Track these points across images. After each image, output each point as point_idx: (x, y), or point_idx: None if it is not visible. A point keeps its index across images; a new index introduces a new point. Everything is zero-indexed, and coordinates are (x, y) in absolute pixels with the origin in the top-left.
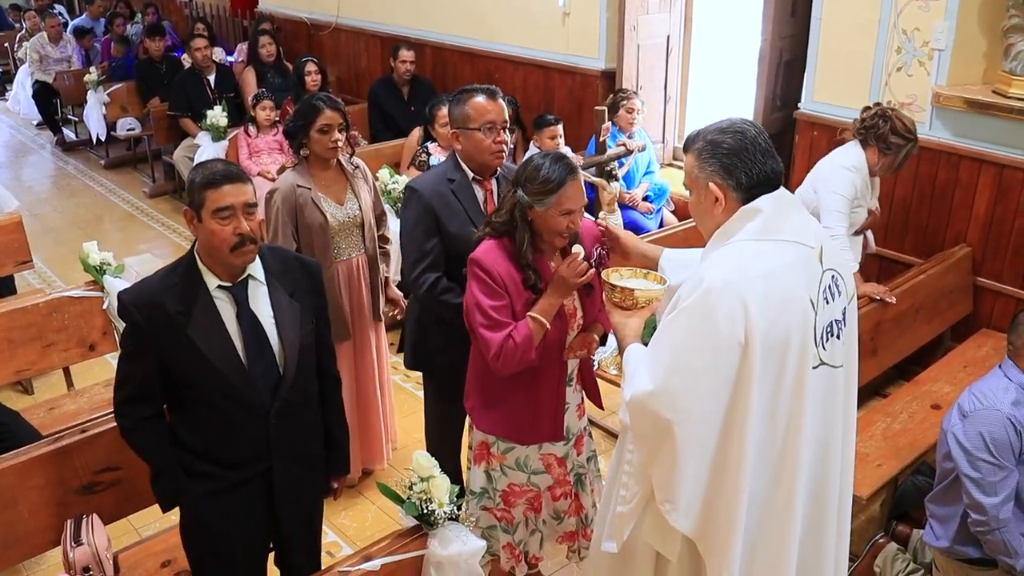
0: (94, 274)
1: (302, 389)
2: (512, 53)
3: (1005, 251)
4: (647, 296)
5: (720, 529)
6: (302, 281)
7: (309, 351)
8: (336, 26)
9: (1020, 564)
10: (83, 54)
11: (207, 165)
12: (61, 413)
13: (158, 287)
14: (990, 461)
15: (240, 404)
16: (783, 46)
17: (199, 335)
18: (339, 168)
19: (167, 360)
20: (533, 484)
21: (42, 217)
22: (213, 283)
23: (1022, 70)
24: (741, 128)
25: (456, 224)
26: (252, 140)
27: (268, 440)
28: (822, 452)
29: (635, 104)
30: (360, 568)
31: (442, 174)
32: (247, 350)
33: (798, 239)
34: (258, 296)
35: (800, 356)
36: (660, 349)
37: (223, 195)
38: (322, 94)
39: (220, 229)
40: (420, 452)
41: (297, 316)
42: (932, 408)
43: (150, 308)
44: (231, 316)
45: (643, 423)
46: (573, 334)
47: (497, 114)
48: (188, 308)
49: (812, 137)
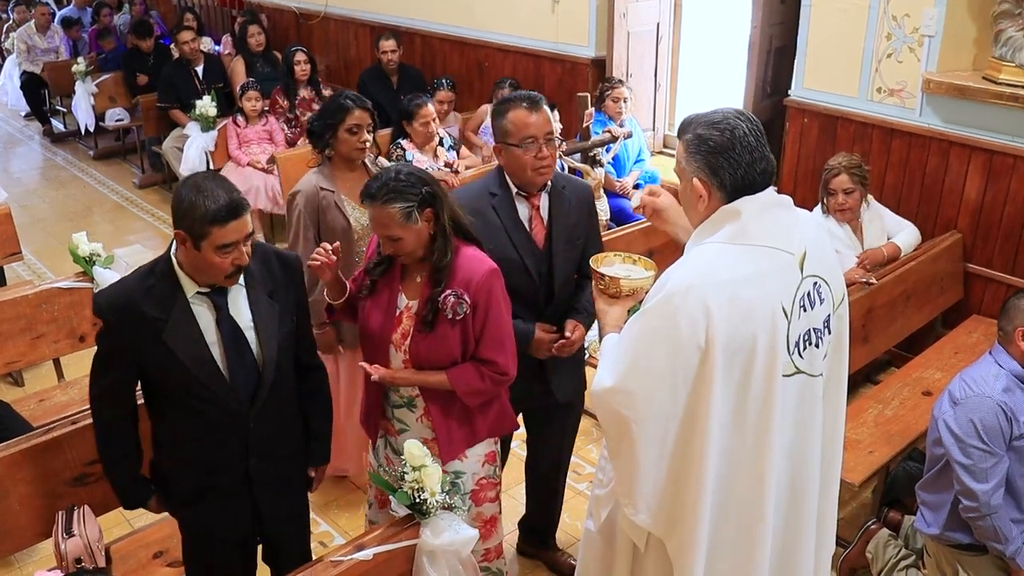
0: (83, 265)
1: (281, 390)
2: (502, 41)
3: (995, 237)
4: (632, 285)
5: (684, 530)
6: (281, 277)
7: (288, 351)
8: (325, 15)
9: (1010, 550)
10: (71, 44)
11: (208, 193)
12: (52, 404)
13: (135, 290)
14: (981, 448)
15: (219, 409)
16: (773, 33)
17: (175, 341)
18: (364, 170)
19: (144, 364)
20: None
21: (31, 208)
22: (192, 290)
23: (1012, 56)
24: (732, 124)
25: (493, 242)
26: (241, 130)
27: (247, 442)
28: (797, 463)
29: (622, 93)
30: (353, 557)
31: (484, 188)
32: (227, 356)
33: (777, 244)
34: (238, 299)
35: (768, 364)
36: (623, 347)
37: (228, 232)
38: (350, 92)
39: (221, 261)
40: (411, 441)
41: (276, 317)
42: (923, 395)
43: (126, 311)
44: (210, 321)
45: (604, 417)
46: (399, 355)
47: (539, 127)
48: (165, 313)
49: (803, 124)
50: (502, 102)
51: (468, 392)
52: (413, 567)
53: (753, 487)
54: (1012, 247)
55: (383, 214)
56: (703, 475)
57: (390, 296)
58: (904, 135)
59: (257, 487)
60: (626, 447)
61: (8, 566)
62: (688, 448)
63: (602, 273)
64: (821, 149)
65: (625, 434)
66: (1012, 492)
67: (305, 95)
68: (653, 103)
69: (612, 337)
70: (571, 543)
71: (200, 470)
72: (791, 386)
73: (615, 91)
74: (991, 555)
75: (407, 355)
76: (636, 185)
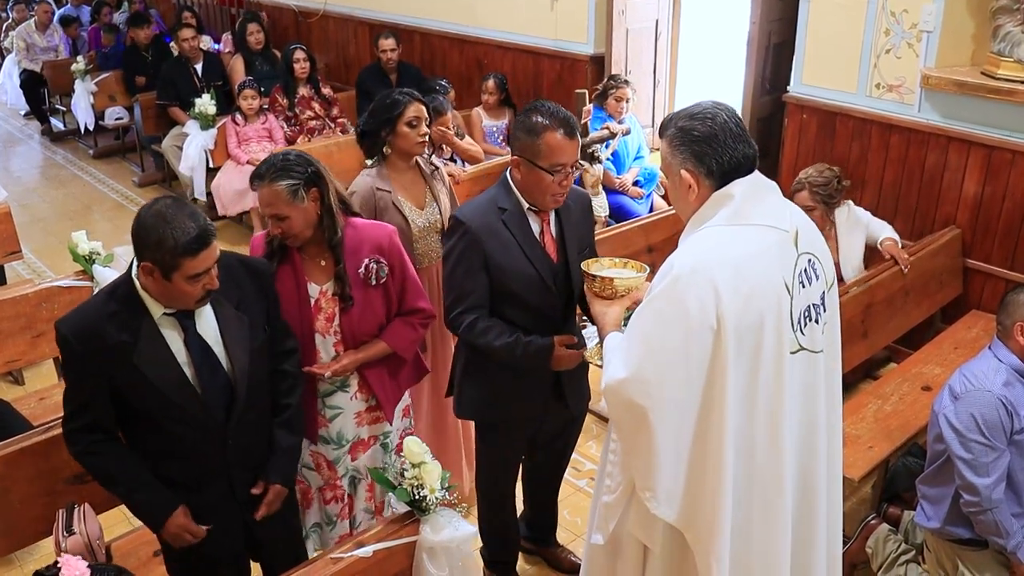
0: (83, 264)
1: (257, 401)
2: (501, 39)
3: (994, 233)
4: (626, 285)
5: (706, 518)
6: (249, 287)
7: (261, 360)
8: (324, 13)
9: (1011, 544)
10: (70, 43)
11: (177, 224)
12: (52, 403)
13: (96, 316)
14: (982, 442)
15: (195, 427)
16: (772, 29)
17: (145, 364)
18: (417, 169)
19: (115, 387)
20: (304, 477)
21: (31, 207)
22: (158, 312)
23: (1010, 51)
24: (712, 113)
25: (506, 258)
26: (240, 128)
27: (226, 456)
28: (807, 437)
29: (625, 93)
30: (353, 554)
31: (491, 202)
32: (198, 375)
33: (771, 223)
34: (204, 316)
35: (776, 341)
36: (633, 336)
37: (200, 262)
38: (399, 89)
39: (191, 290)
40: (411, 438)
41: (246, 330)
42: (923, 390)
43: (89, 338)
44: (178, 341)
45: (619, 411)
46: (330, 339)
47: (571, 156)
48: (132, 336)
49: (802, 120)
50: (535, 118)
51: (407, 346)
52: (413, 564)
53: (771, 468)
54: (1011, 242)
55: (270, 192)
56: (722, 460)
57: (298, 290)
58: (903, 131)
59: (240, 499)
60: (644, 439)
61: (8, 564)
62: (706, 434)
63: (594, 275)
64: (820, 145)
65: (643, 425)
66: (1013, 486)
67: (304, 93)
68: (652, 100)
69: (615, 336)
70: (571, 540)
71: (183, 489)
72: (796, 363)
73: (619, 90)
74: (991, 549)
75: (338, 335)
76: (636, 182)
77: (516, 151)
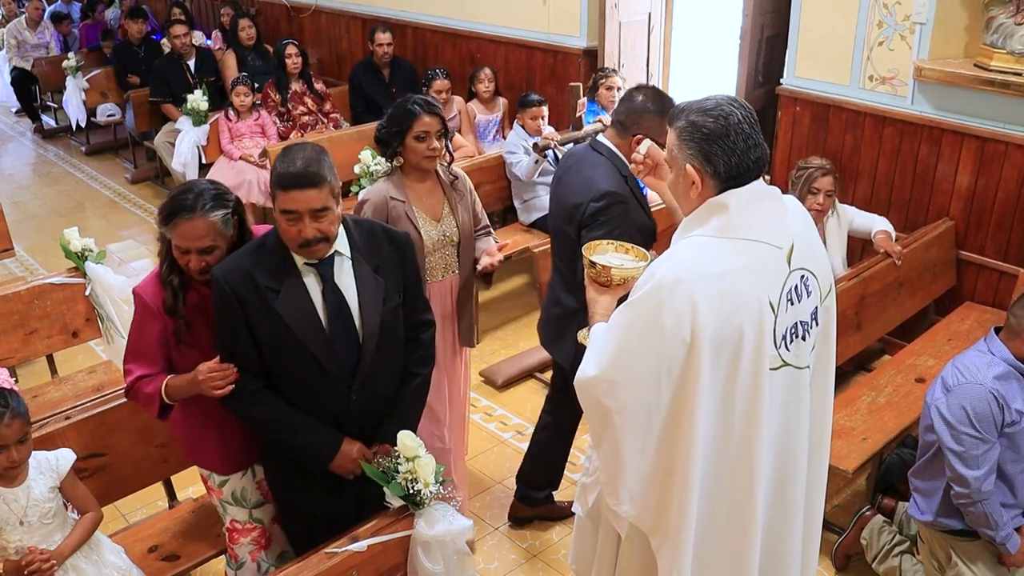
0: (75, 260)
1: (382, 366)
2: (493, 33)
3: (987, 224)
4: (623, 275)
5: (671, 524)
6: (388, 254)
7: (393, 327)
8: (316, 8)
9: (1000, 535)
10: (61, 40)
11: (290, 160)
12: (45, 400)
13: (249, 261)
14: (973, 435)
15: (324, 378)
16: (765, 21)
17: (286, 310)
18: (436, 180)
19: (256, 333)
20: (256, 520)
21: (23, 205)
22: (300, 260)
23: (1003, 43)
24: (726, 111)
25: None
26: (233, 124)
27: (349, 414)
28: (785, 453)
29: (615, 82)
30: (347, 549)
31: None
32: (331, 326)
33: (763, 238)
34: (343, 271)
35: (755, 357)
36: (609, 337)
37: (290, 200)
38: (418, 97)
39: (287, 228)
40: (405, 432)
41: (381, 292)
42: (916, 381)
43: (241, 280)
44: (317, 292)
45: (588, 406)
46: None
47: None
48: (277, 283)
49: (795, 113)
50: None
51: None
52: (408, 558)
53: (742, 480)
54: (1004, 234)
55: (204, 224)
56: (690, 469)
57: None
58: (896, 123)
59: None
60: (608, 437)
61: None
62: (674, 442)
63: (593, 261)
64: (813, 137)
65: (608, 424)
66: (1003, 478)
67: (297, 88)
68: None
69: (600, 326)
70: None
71: None
72: (778, 379)
73: (608, 80)
74: (983, 540)
75: None
76: None
77: (635, 130)
